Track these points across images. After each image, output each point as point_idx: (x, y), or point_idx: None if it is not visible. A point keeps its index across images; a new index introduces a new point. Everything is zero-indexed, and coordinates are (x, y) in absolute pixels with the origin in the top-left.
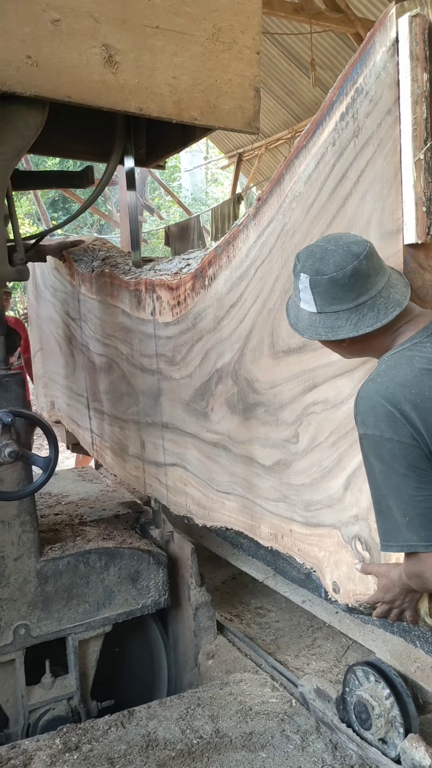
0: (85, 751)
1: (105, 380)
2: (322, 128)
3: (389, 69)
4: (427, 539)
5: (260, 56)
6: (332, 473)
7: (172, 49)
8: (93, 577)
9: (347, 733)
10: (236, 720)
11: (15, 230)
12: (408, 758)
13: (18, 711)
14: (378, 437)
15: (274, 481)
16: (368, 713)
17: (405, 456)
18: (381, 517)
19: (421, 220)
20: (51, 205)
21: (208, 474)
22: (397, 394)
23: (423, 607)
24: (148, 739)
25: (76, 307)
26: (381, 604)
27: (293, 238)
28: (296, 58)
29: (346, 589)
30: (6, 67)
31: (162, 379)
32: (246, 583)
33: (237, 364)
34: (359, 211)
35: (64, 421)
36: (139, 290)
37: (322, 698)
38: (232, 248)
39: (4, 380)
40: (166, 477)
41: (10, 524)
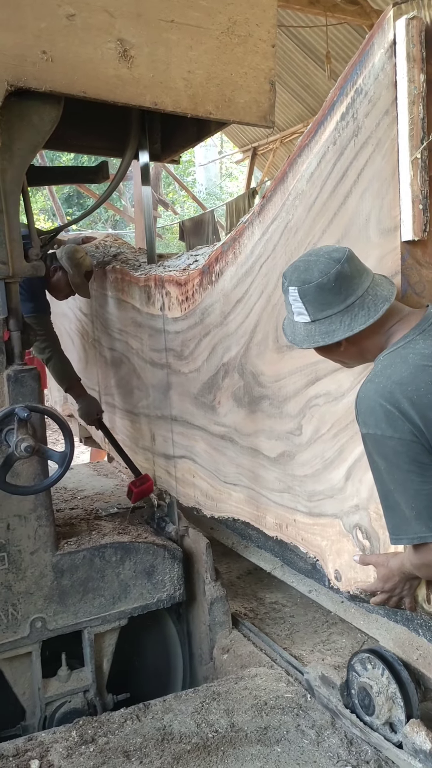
0: (101, 743)
1: (116, 374)
2: (324, 128)
3: (387, 70)
4: None
5: (275, 49)
6: (334, 464)
7: (187, 42)
8: (108, 571)
9: (351, 719)
10: (251, 714)
11: (31, 226)
12: (409, 742)
13: (35, 703)
14: (380, 436)
15: (278, 473)
16: (371, 699)
17: (407, 452)
18: (389, 512)
19: (417, 217)
20: (66, 201)
21: (216, 466)
22: (394, 393)
23: (421, 594)
24: (164, 733)
25: (88, 303)
26: (380, 592)
27: (296, 235)
28: (311, 50)
29: (348, 577)
30: (21, 62)
31: (171, 373)
32: (261, 578)
33: (243, 358)
34: (359, 209)
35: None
36: (149, 286)
37: (327, 685)
38: (237, 245)
39: (20, 376)
40: (175, 469)
41: (27, 518)
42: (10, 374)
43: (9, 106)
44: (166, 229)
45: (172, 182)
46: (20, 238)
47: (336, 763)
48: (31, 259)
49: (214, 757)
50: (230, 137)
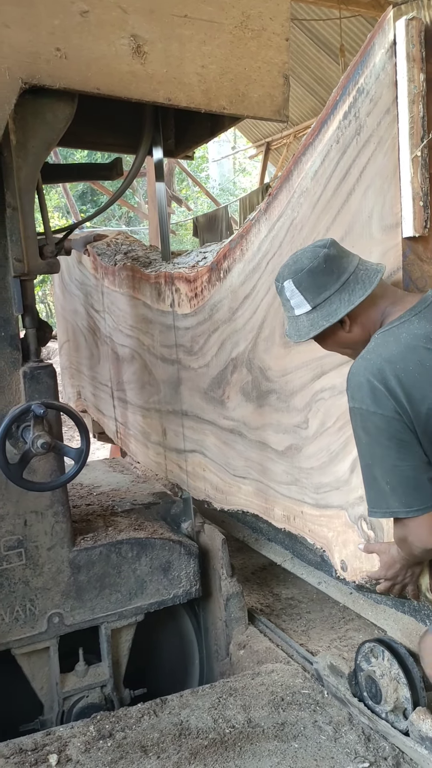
0: (119, 738)
1: (128, 370)
2: (327, 126)
3: (388, 70)
4: (408, 505)
5: (289, 43)
6: (339, 457)
7: (200, 37)
8: (125, 567)
9: (359, 707)
10: (268, 710)
11: (45, 223)
12: (416, 730)
13: (52, 698)
14: (364, 411)
15: (286, 465)
16: (378, 688)
17: (388, 428)
18: (368, 486)
19: (418, 214)
20: (80, 198)
21: (225, 459)
22: (383, 370)
23: (424, 582)
24: (181, 728)
25: (100, 300)
26: (384, 580)
27: (302, 232)
28: (325, 44)
29: (353, 566)
30: (35, 60)
31: (181, 369)
32: (277, 573)
33: (251, 354)
34: (361, 206)
35: (90, 411)
36: (159, 283)
37: (335, 674)
38: (245, 242)
39: (36, 372)
40: (186, 463)
41: (44, 514)
42: (26, 371)
43: (23, 104)
44: (180, 225)
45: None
46: (35, 236)
47: (354, 759)
48: (46, 256)
49: (231, 752)
50: (243, 132)
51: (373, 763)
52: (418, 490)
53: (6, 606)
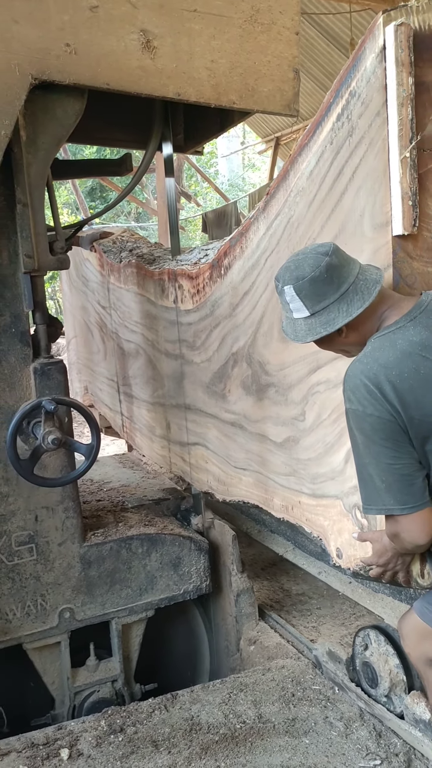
0: (130, 733)
1: (133, 365)
2: (321, 128)
3: (378, 74)
4: (402, 503)
5: (299, 37)
6: (334, 448)
7: (210, 32)
8: (135, 563)
9: (356, 692)
10: (279, 706)
11: (55, 219)
12: (410, 713)
13: (64, 692)
14: (360, 412)
15: (284, 457)
16: (375, 673)
17: (383, 429)
18: (363, 484)
19: (407, 213)
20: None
21: (227, 452)
22: (378, 375)
23: (415, 568)
24: (192, 723)
25: (106, 296)
26: (376, 567)
27: (298, 230)
28: (335, 38)
29: (348, 554)
30: (45, 55)
31: (184, 364)
32: (287, 569)
33: (250, 348)
34: (354, 205)
35: (96, 405)
36: (163, 279)
37: (334, 660)
38: (244, 239)
39: (46, 368)
40: (189, 455)
41: (54, 510)
42: (36, 367)
43: (33, 100)
44: (189, 221)
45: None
46: (45, 232)
47: (365, 755)
48: (56, 252)
49: (242, 747)
50: (253, 127)
51: (385, 760)
52: (411, 488)
53: (17, 601)
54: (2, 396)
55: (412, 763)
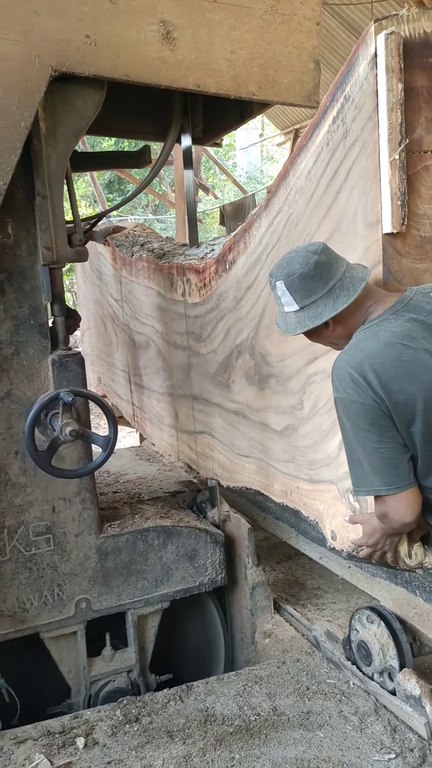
0: (145, 723)
1: (143, 357)
2: (319, 130)
3: (370, 80)
4: (388, 484)
5: (320, 27)
6: (329, 435)
7: (230, 23)
8: (151, 555)
9: (351, 670)
10: (293, 699)
11: (74, 212)
12: (401, 689)
13: (80, 682)
14: (347, 400)
15: (284, 444)
16: (369, 651)
17: (368, 415)
18: (352, 467)
19: (396, 212)
20: (106, 187)
21: (231, 440)
22: (363, 364)
23: (402, 549)
24: (206, 714)
25: (118, 289)
26: (366, 547)
27: (297, 227)
28: (356, 29)
29: (342, 536)
30: (65, 47)
31: (191, 355)
32: (302, 563)
33: (253, 340)
34: (348, 204)
35: (109, 396)
36: (172, 273)
37: (331, 640)
38: (248, 235)
39: (64, 360)
40: (195, 444)
41: (71, 501)
42: (54, 359)
43: (53, 92)
44: (207, 213)
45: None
46: (64, 224)
47: (379, 750)
48: (74, 245)
49: (256, 739)
50: (271, 119)
51: (399, 754)
52: (397, 470)
53: (35, 590)
54: (20, 387)
55: (427, 758)
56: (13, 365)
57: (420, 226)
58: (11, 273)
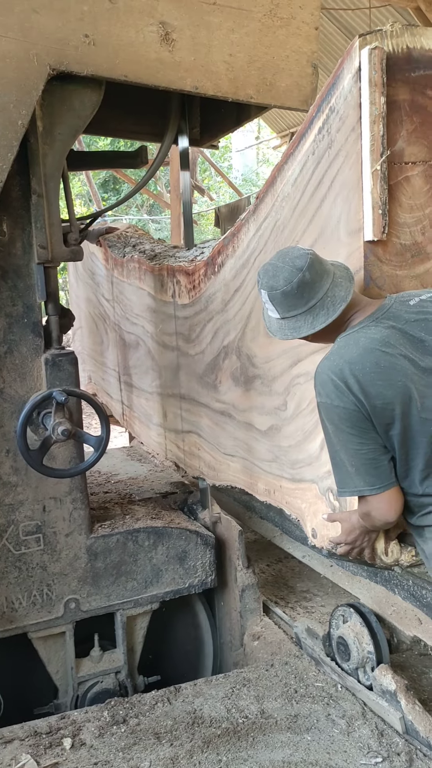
0: (132, 724)
1: (133, 356)
2: (305, 139)
3: (354, 92)
4: (370, 484)
5: (318, 32)
6: (311, 436)
7: (229, 25)
8: (141, 556)
9: (330, 665)
10: (281, 702)
11: (70, 211)
12: (378, 685)
13: (67, 682)
14: (329, 404)
15: (268, 444)
16: (348, 648)
17: (349, 419)
18: (335, 469)
19: (377, 221)
20: (102, 186)
21: (217, 439)
22: (344, 370)
23: (379, 546)
24: (194, 716)
25: (110, 289)
26: (344, 544)
27: (283, 232)
28: (354, 34)
29: (322, 534)
30: (64, 46)
31: (180, 355)
32: (292, 566)
33: (240, 342)
34: (332, 212)
35: (99, 394)
36: (162, 275)
37: (311, 636)
38: (236, 239)
39: (57, 359)
40: (183, 443)
41: (62, 501)
42: (48, 358)
43: (50, 90)
44: (202, 215)
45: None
46: (60, 223)
47: (366, 753)
48: (70, 243)
49: (243, 742)
50: (268, 122)
51: (386, 758)
52: (377, 470)
53: (24, 590)
54: (13, 386)
55: (413, 762)
56: (5, 364)
57: (400, 234)
58: (6, 271)
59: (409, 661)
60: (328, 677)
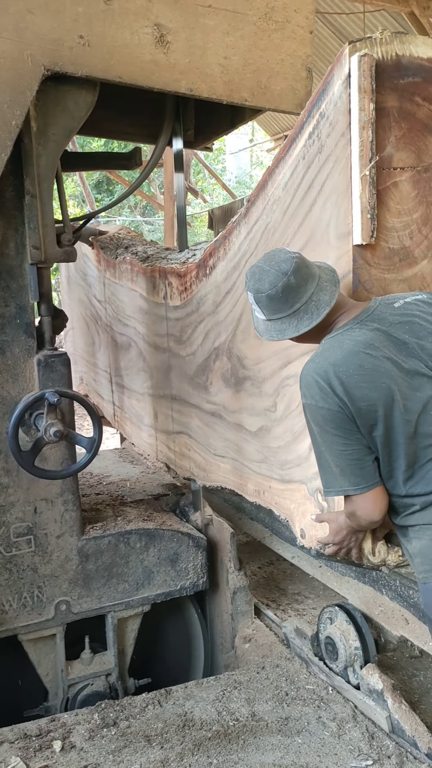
0: (123, 727)
1: (125, 357)
2: (296, 144)
3: (344, 99)
4: (355, 484)
5: (313, 36)
6: (300, 437)
7: (224, 28)
8: (133, 557)
9: (318, 665)
10: (272, 704)
11: (63, 211)
12: (365, 684)
13: (58, 685)
14: (314, 406)
15: (258, 445)
16: (335, 648)
17: (333, 420)
18: (321, 469)
19: (366, 225)
20: (95, 187)
21: (207, 440)
22: (328, 372)
23: (366, 546)
24: (185, 719)
25: (102, 291)
26: (332, 544)
27: (274, 235)
28: (348, 38)
29: (310, 534)
30: (58, 47)
31: (171, 357)
32: (284, 569)
33: (230, 344)
34: (322, 216)
35: (90, 395)
36: (154, 276)
37: (300, 636)
38: (227, 242)
39: (50, 361)
40: (174, 444)
41: (54, 502)
42: (40, 359)
43: (45, 91)
44: (195, 217)
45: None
46: (53, 224)
47: (357, 756)
48: (63, 244)
49: (234, 745)
50: (262, 125)
51: (377, 761)
52: (362, 470)
53: (14, 592)
54: (5, 387)
55: (404, 765)
56: None
57: (388, 238)
58: None
59: (400, 663)
60: (319, 680)
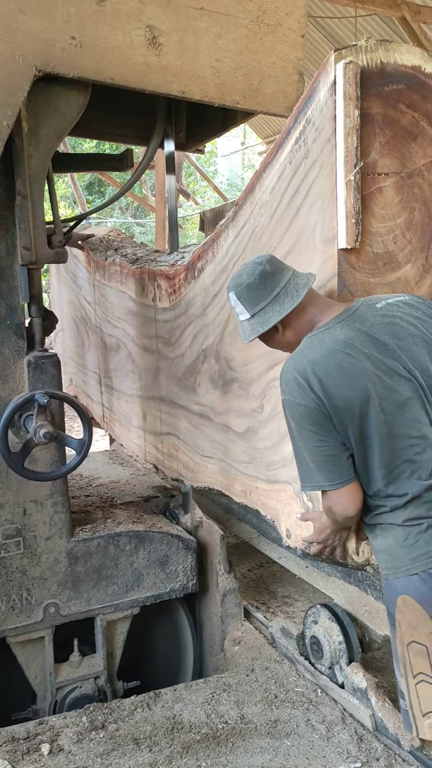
0: (111, 730)
1: (114, 359)
2: (283, 149)
3: (329, 105)
4: (330, 479)
5: (305, 39)
6: (286, 438)
7: (216, 31)
8: (122, 560)
9: (304, 664)
10: (261, 707)
11: (54, 213)
12: (350, 683)
13: (46, 687)
14: (292, 402)
15: (244, 446)
16: (321, 647)
17: (310, 416)
18: (299, 465)
19: (350, 229)
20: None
21: (195, 441)
22: (307, 369)
23: (351, 545)
24: (174, 722)
25: (92, 292)
26: (316, 543)
27: (261, 239)
28: (339, 42)
29: (296, 534)
30: (50, 48)
31: (160, 358)
32: (274, 571)
33: (218, 346)
34: (308, 220)
35: (79, 397)
36: (144, 278)
37: (286, 636)
38: (216, 245)
39: (40, 362)
40: (162, 445)
41: (43, 504)
42: (30, 360)
43: (36, 92)
44: (187, 219)
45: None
46: (44, 225)
47: (346, 759)
48: (54, 246)
49: (223, 747)
50: (253, 128)
51: (365, 763)
52: (337, 466)
53: (2, 594)
54: None
55: (393, 767)
56: None
57: (373, 242)
58: None
59: (390, 666)
60: (308, 682)
